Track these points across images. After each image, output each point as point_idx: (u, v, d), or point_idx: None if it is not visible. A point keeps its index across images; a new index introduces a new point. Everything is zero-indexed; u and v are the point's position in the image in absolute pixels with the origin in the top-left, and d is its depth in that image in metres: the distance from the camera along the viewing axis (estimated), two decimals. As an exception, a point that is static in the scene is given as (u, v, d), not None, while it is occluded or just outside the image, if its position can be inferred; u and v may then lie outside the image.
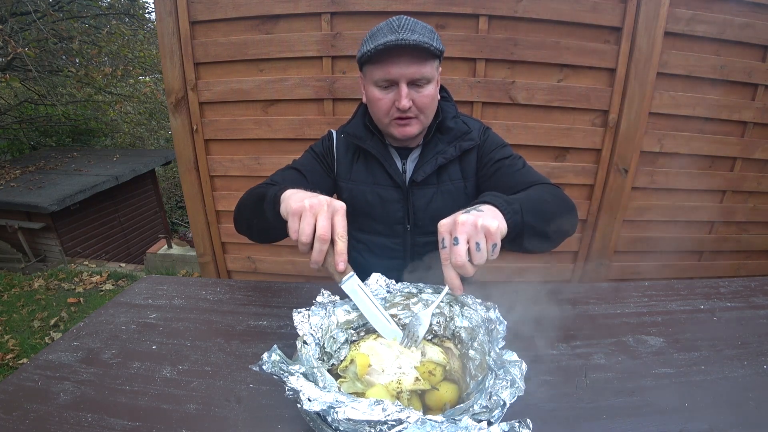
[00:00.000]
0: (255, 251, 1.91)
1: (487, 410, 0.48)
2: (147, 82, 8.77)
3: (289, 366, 0.52)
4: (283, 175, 1.04)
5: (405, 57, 0.87)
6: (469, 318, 0.69)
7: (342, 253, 0.64)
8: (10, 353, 3.25)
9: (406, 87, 0.89)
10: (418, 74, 0.88)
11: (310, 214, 0.64)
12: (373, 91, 0.93)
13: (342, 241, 0.64)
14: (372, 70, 0.91)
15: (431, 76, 0.91)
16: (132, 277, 4.90)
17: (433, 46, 0.86)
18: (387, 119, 0.94)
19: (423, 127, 0.97)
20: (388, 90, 0.92)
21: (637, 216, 1.83)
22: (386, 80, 0.90)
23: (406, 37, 0.84)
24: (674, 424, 0.58)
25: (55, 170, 6.91)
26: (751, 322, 0.82)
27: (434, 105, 0.97)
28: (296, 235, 0.65)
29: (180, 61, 1.63)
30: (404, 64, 0.87)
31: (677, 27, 1.53)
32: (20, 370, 0.69)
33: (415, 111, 0.92)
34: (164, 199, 9.34)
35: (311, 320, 0.64)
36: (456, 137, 1.03)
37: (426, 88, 0.91)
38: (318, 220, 0.64)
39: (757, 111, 1.68)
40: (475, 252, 0.62)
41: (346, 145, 1.08)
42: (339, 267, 0.64)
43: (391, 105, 0.92)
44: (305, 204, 0.65)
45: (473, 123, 1.07)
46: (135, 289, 0.96)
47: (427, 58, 0.89)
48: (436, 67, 0.93)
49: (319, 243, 0.63)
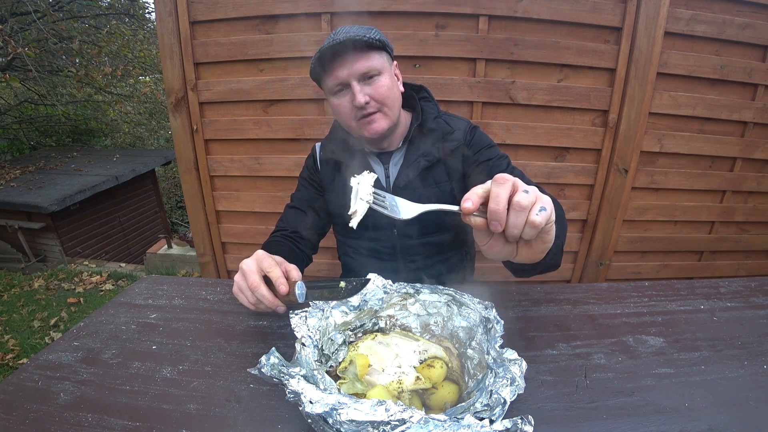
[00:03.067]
0: (255, 251, 1.91)
1: (488, 408, 0.48)
2: (147, 82, 8.78)
3: (289, 368, 0.52)
4: (285, 217, 1.11)
5: (345, 56, 0.88)
6: (467, 317, 0.69)
7: (276, 279, 0.68)
8: (10, 353, 3.25)
9: (357, 84, 0.89)
10: (364, 67, 0.89)
11: (241, 292, 0.74)
12: (332, 100, 0.94)
13: (270, 271, 0.69)
14: (324, 81, 0.93)
15: (380, 67, 0.91)
16: (132, 277, 4.90)
17: (367, 36, 0.86)
18: (353, 122, 0.94)
19: (391, 122, 0.95)
20: (344, 93, 0.92)
21: (637, 216, 1.83)
22: (338, 84, 0.91)
23: (338, 38, 0.85)
24: (674, 424, 0.58)
25: (55, 170, 6.92)
26: (751, 322, 0.82)
27: (394, 96, 0.95)
28: (252, 307, 0.74)
29: (180, 61, 1.63)
30: (347, 63, 0.88)
31: (677, 27, 1.53)
32: (20, 370, 0.69)
33: (375, 105, 0.92)
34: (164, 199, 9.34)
35: (308, 322, 0.64)
36: (438, 138, 1.01)
37: (378, 80, 0.91)
38: (247, 283, 0.71)
39: (757, 111, 1.68)
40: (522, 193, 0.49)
41: (328, 158, 1.09)
42: (281, 291, 0.68)
43: (351, 107, 0.92)
44: (234, 289, 0.76)
45: (457, 122, 1.05)
46: (135, 289, 0.96)
47: (369, 51, 0.89)
48: (386, 60, 0.93)
49: (256, 292, 0.70)
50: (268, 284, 0.69)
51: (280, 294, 0.68)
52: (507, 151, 1.70)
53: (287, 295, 0.68)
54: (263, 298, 0.68)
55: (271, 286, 0.69)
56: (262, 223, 1.87)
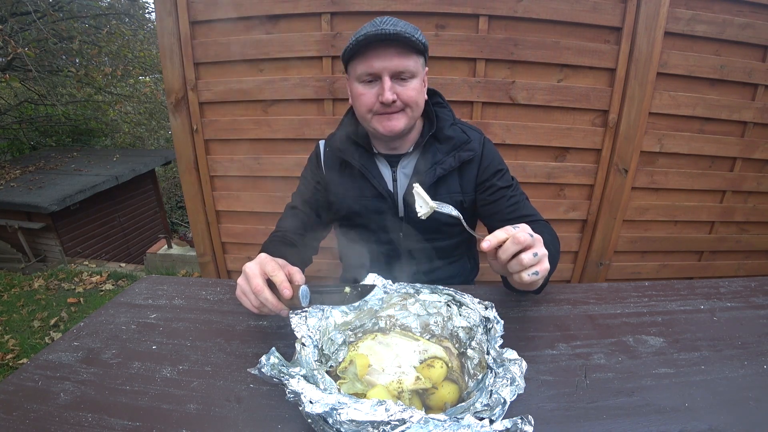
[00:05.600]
0: (255, 251, 1.90)
1: (488, 408, 0.49)
2: (147, 82, 8.77)
3: (289, 368, 0.52)
4: (285, 217, 1.08)
5: (387, 50, 0.85)
6: (467, 317, 0.69)
7: (280, 283, 0.67)
8: (10, 353, 3.25)
9: (389, 80, 0.87)
10: (401, 67, 0.87)
11: (244, 295, 0.71)
12: (356, 87, 0.91)
13: (273, 275, 0.68)
14: (355, 66, 0.90)
15: (415, 70, 0.89)
16: (132, 277, 4.90)
17: (414, 37, 0.84)
18: (370, 115, 0.92)
19: (409, 123, 0.94)
20: (372, 85, 0.90)
21: (637, 216, 1.83)
22: (369, 74, 0.88)
23: (387, 28, 0.82)
24: (674, 424, 0.58)
25: (55, 170, 6.92)
26: (751, 322, 0.82)
27: (421, 101, 0.94)
28: (255, 310, 0.72)
29: (180, 61, 1.63)
30: (387, 57, 0.86)
31: (677, 27, 1.53)
32: (20, 370, 0.69)
33: (400, 105, 0.90)
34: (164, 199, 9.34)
35: (309, 322, 0.64)
36: (455, 147, 1.00)
37: (410, 82, 0.89)
38: (251, 286, 0.69)
39: (757, 111, 1.68)
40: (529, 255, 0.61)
41: (333, 158, 1.07)
42: (285, 295, 0.66)
43: (374, 100, 0.90)
44: (237, 292, 0.73)
45: (473, 133, 1.04)
46: (135, 289, 0.96)
47: (411, 52, 0.87)
48: (421, 64, 0.91)
49: (259, 296, 0.68)
50: (272, 288, 0.69)
51: (284, 298, 0.68)
52: (507, 150, 1.71)
53: (291, 299, 0.67)
54: (267, 302, 0.68)
55: (274, 289, 0.68)
56: (262, 223, 1.87)
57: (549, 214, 1.80)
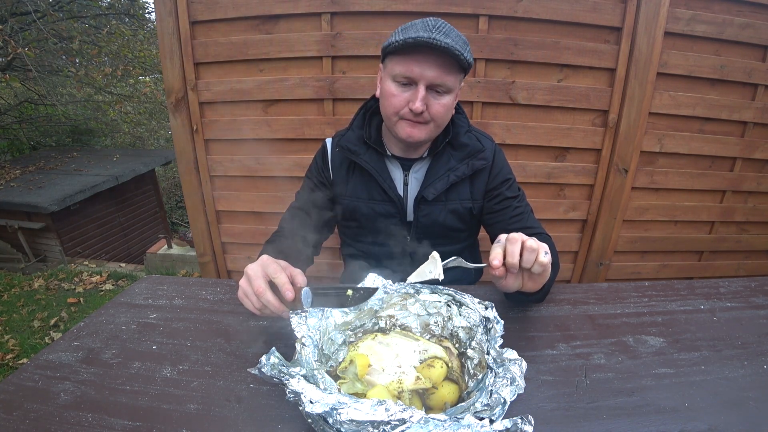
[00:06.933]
0: (255, 251, 1.90)
1: (488, 408, 0.49)
2: (147, 82, 8.76)
3: (289, 368, 0.52)
4: (288, 216, 1.07)
5: (431, 59, 0.82)
6: (467, 317, 0.69)
7: (282, 285, 0.67)
8: (10, 353, 3.25)
9: (423, 89, 0.85)
10: (439, 80, 0.84)
11: (246, 297, 0.70)
12: (389, 85, 0.88)
13: (276, 277, 0.67)
14: (394, 63, 0.86)
15: (452, 86, 0.87)
16: (132, 277, 4.90)
17: (463, 55, 0.82)
18: (396, 117, 0.90)
19: (431, 136, 0.93)
20: (406, 88, 0.87)
21: (637, 216, 1.83)
22: (406, 77, 0.85)
23: (439, 38, 0.79)
24: (674, 424, 0.58)
25: (55, 170, 6.91)
26: (751, 322, 0.82)
27: (448, 117, 0.93)
28: (257, 312, 0.71)
29: (180, 61, 1.63)
30: (428, 66, 0.83)
31: (677, 27, 1.53)
32: (20, 370, 0.69)
33: (427, 116, 0.88)
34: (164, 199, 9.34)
35: (309, 321, 0.64)
36: (469, 155, 0.99)
37: (444, 97, 0.88)
38: (253, 288, 0.69)
39: (757, 111, 1.68)
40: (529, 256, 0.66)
41: (341, 158, 1.05)
42: (287, 297, 0.66)
43: (404, 104, 0.87)
44: (238, 293, 0.72)
45: (486, 141, 1.03)
46: (135, 289, 0.96)
47: (453, 68, 0.85)
48: (459, 81, 0.89)
49: (261, 298, 0.67)
50: (274, 289, 0.69)
51: (287, 300, 0.67)
52: (507, 150, 1.70)
53: (293, 301, 0.67)
54: (269, 304, 0.67)
55: (276, 291, 0.68)
56: (262, 223, 1.87)
57: (549, 214, 1.80)
